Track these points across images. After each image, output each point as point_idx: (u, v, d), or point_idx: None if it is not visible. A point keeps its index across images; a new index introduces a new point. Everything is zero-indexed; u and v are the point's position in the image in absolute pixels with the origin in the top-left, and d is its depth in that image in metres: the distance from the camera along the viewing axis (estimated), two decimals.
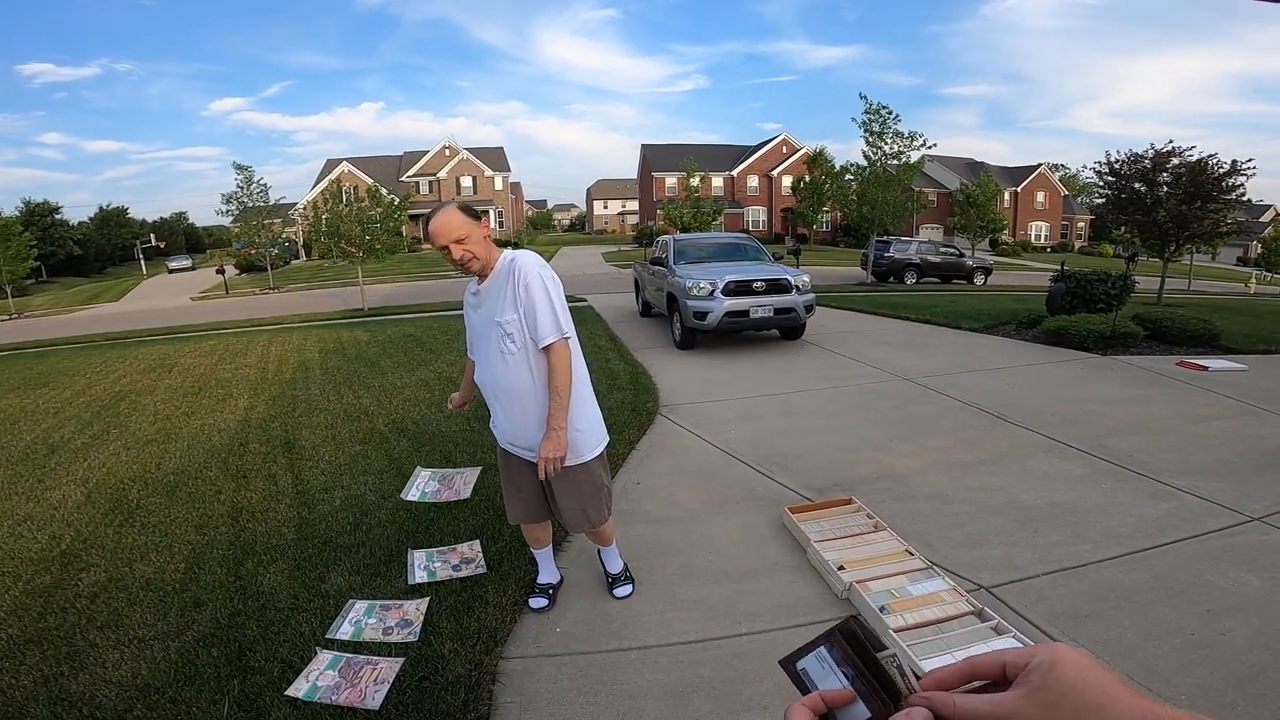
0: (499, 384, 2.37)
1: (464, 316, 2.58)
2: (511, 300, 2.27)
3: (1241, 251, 47.35)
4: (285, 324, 13.81)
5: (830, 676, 0.49)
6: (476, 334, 2.45)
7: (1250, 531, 3.22)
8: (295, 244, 40.81)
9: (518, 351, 2.29)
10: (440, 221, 2.22)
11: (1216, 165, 13.74)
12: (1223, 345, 7.94)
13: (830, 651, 0.49)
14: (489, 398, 2.46)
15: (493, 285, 2.33)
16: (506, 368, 2.32)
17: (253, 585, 2.93)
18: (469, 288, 2.49)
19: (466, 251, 2.23)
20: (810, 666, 0.50)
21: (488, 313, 2.35)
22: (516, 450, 2.47)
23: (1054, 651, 0.44)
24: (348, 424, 5.39)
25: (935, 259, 21.71)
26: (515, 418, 2.38)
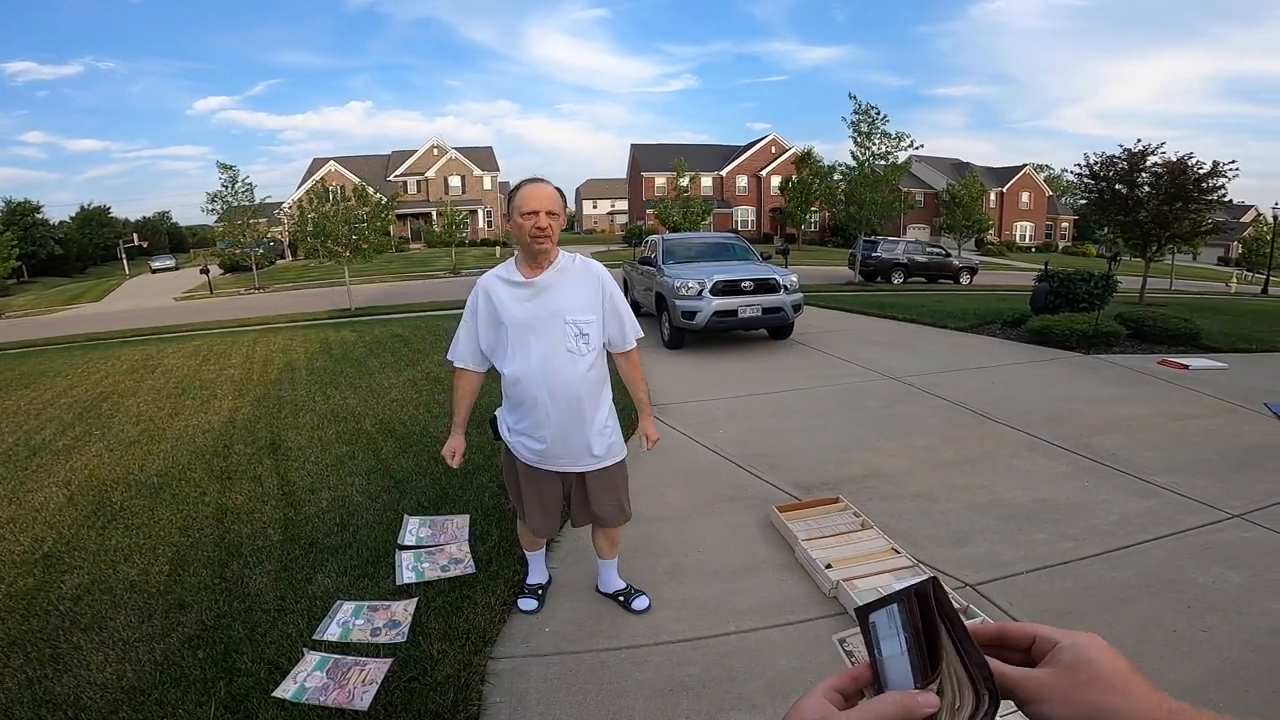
0: (560, 384, 2.23)
1: (482, 310, 2.32)
2: (594, 301, 2.27)
3: (1223, 251, 48.08)
4: (271, 324, 13.70)
5: (892, 637, 0.48)
6: (526, 328, 2.24)
7: (1231, 528, 3.27)
8: (281, 244, 40.46)
9: (589, 353, 2.26)
10: (543, 189, 2.17)
11: (1197, 166, 13.93)
12: (1203, 344, 8.05)
13: (901, 610, 0.48)
14: (532, 401, 2.25)
15: (560, 279, 2.24)
16: (574, 368, 2.24)
17: (238, 587, 2.91)
18: (503, 275, 2.29)
19: (551, 227, 2.17)
20: (880, 621, 0.48)
21: (550, 307, 2.22)
22: (552, 465, 2.35)
23: (1088, 637, 0.46)
24: (334, 425, 5.35)
25: (922, 259, 21.88)
26: (568, 423, 2.27)
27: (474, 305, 2.34)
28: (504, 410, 2.43)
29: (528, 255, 2.23)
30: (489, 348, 2.36)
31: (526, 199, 2.15)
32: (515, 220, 2.18)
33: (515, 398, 2.31)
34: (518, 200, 2.17)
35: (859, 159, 19.21)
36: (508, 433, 2.40)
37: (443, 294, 17.98)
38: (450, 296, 16.83)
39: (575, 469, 2.35)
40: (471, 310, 2.35)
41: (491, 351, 2.36)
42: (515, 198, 2.18)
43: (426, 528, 3.43)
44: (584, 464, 2.35)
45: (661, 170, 45.94)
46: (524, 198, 2.15)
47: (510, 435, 2.39)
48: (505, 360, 2.30)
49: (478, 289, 2.33)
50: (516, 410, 2.33)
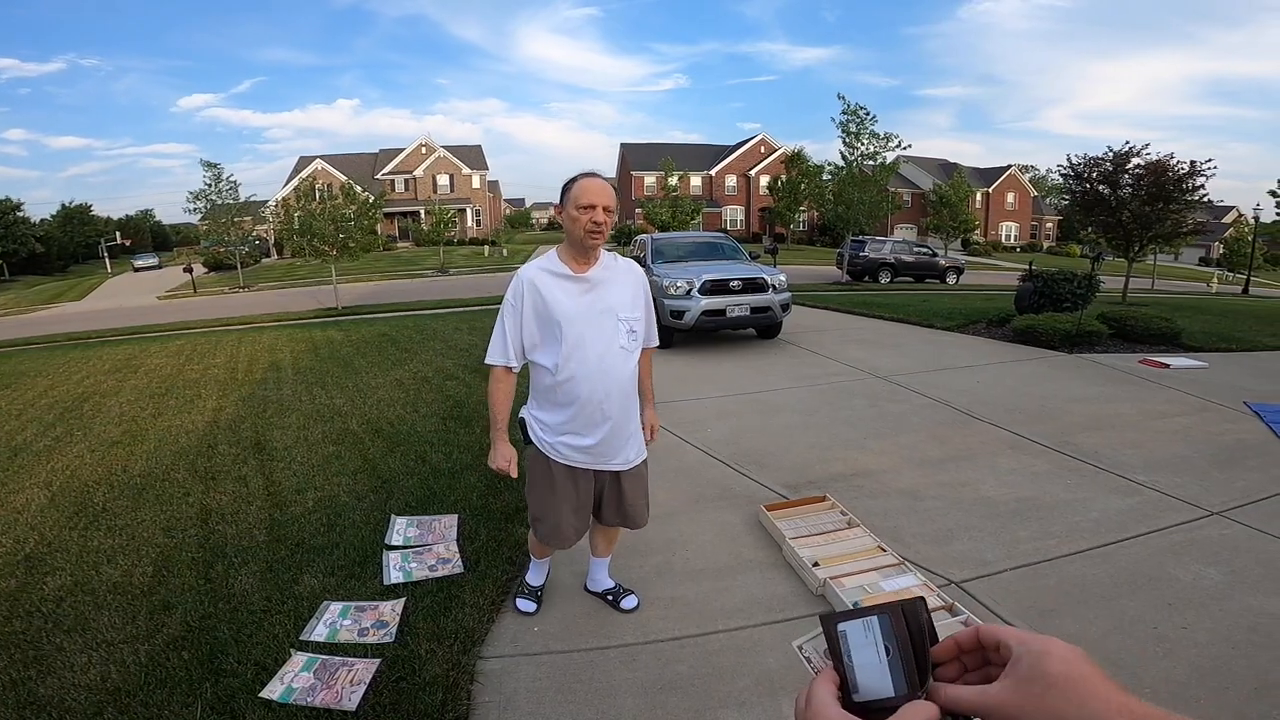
0: (615, 381, 2.21)
1: (528, 304, 2.20)
2: (638, 299, 2.28)
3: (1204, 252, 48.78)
4: (256, 323, 13.58)
5: (868, 647, 0.49)
6: (581, 323, 2.17)
7: (1210, 526, 3.32)
8: (266, 242, 40.08)
9: (635, 350, 2.27)
10: (602, 183, 2.13)
11: (1177, 166, 14.13)
12: (1184, 343, 8.17)
13: (883, 622, 0.49)
14: (587, 399, 2.19)
15: (610, 276, 2.22)
16: (627, 365, 2.24)
17: (223, 588, 2.89)
18: (548, 268, 2.21)
19: (607, 223, 2.12)
20: (852, 631, 0.50)
21: (604, 303, 2.19)
22: (597, 464, 2.30)
23: (1045, 644, 0.44)
24: (320, 424, 5.32)
25: (909, 258, 22.03)
26: (620, 421, 2.25)
27: (517, 299, 2.20)
28: (538, 410, 2.31)
29: (578, 250, 2.18)
30: (531, 344, 2.24)
31: (585, 192, 2.09)
32: (570, 213, 2.12)
33: (566, 395, 2.20)
34: (575, 193, 2.10)
35: (847, 159, 19.31)
36: (544, 433, 2.29)
37: (431, 293, 17.91)
38: (439, 296, 16.77)
39: (615, 467, 2.32)
40: (513, 305, 2.21)
41: (533, 348, 2.24)
42: (571, 190, 2.12)
43: (414, 528, 3.42)
44: (625, 461, 2.33)
45: (651, 169, 45.96)
46: (582, 191, 2.09)
47: (548, 436, 2.27)
48: (554, 357, 2.18)
49: (521, 282, 2.21)
50: (563, 409, 2.22)
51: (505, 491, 3.81)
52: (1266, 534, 3.20)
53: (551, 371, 2.19)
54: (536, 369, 2.27)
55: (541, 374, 2.25)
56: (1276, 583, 2.77)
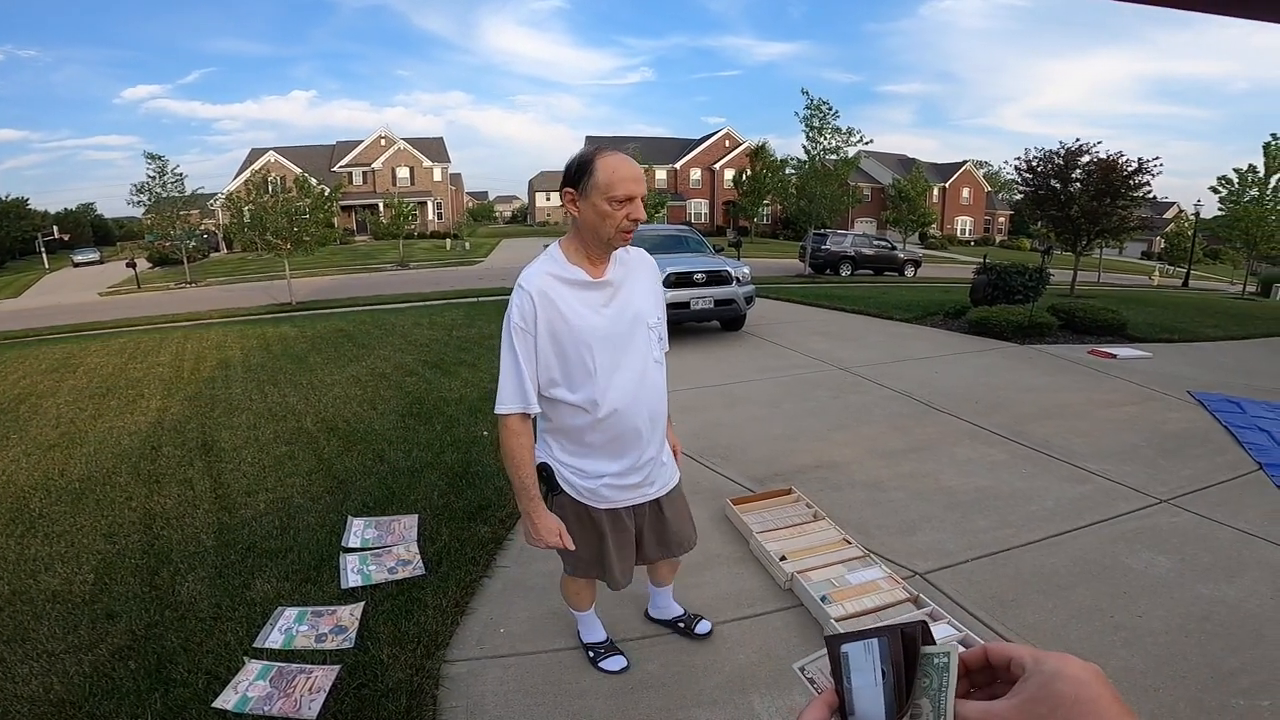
0: (656, 403, 1.87)
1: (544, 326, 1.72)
2: (658, 297, 1.90)
3: (1146, 246, 50.78)
4: (203, 320, 13.08)
5: (866, 670, 0.48)
6: (611, 342, 1.76)
7: (1159, 513, 3.43)
8: (215, 236, 38.69)
9: (663, 360, 1.90)
10: (636, 167, 1.67)
11: (1125, 163, 14.64)
12: (1129, 334, 8.48)
13: (882, 645, 0.48)
14: (632, 434, 1.83)
15: (628, 275, 1.81)
16: (661, 377, 1.89)
17: (169, 595, 2.77)
18: (559, 274, 1.74)
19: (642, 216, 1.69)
20: (853, 653, 0.49)
21: (630, 311, 1.78)
22: (638, 498, 1.95)
23: (1060, 662, 0.43)
24: (272, 424, 5.14)
25: (869, 252, 22.40)
26: (655, 445, 1.91)
27: (527, 319, 1.71)
28: (566, 454, 1.88)
29: (596, 249, 1.74)
30: (548, 379, 1.76)
31: (620, 180, 1.61)
32: (596, 206, 1.63)
33: (604, 434, 1.80)
34: (604, 179, 1.61)
35: (810, 153, 19.50)
36: (579, 479, 1.88)
37: (390, 287, 17.52)
38: (399, 290, 16.41)
39: (654, 494, 1.97)
40: (523, 329, 1.71)
41: (551, 384, 1.77)
42: (595, 173, 1.62)
43: (372, 529, 3.33)
44: (664, 485, 2.00)
45: None
46: (616, 178, 1.61)
47: (586, 481, 1.87)
48: (588, 391, 1.75)
49: (528, 296, 1.71)
50: (600, 450, 1.83)
51: (467, 490, 3.74)
52: (1213, 521, 3.32)
53: (586, 409, 1.77)
54: (559, 409, 1.81)
55: (568, 415, 1.80)
56: (1225, 570, 2.87)
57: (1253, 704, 2.07)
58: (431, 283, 18.26)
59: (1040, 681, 0.42)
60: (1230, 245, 24.65)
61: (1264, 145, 19.25)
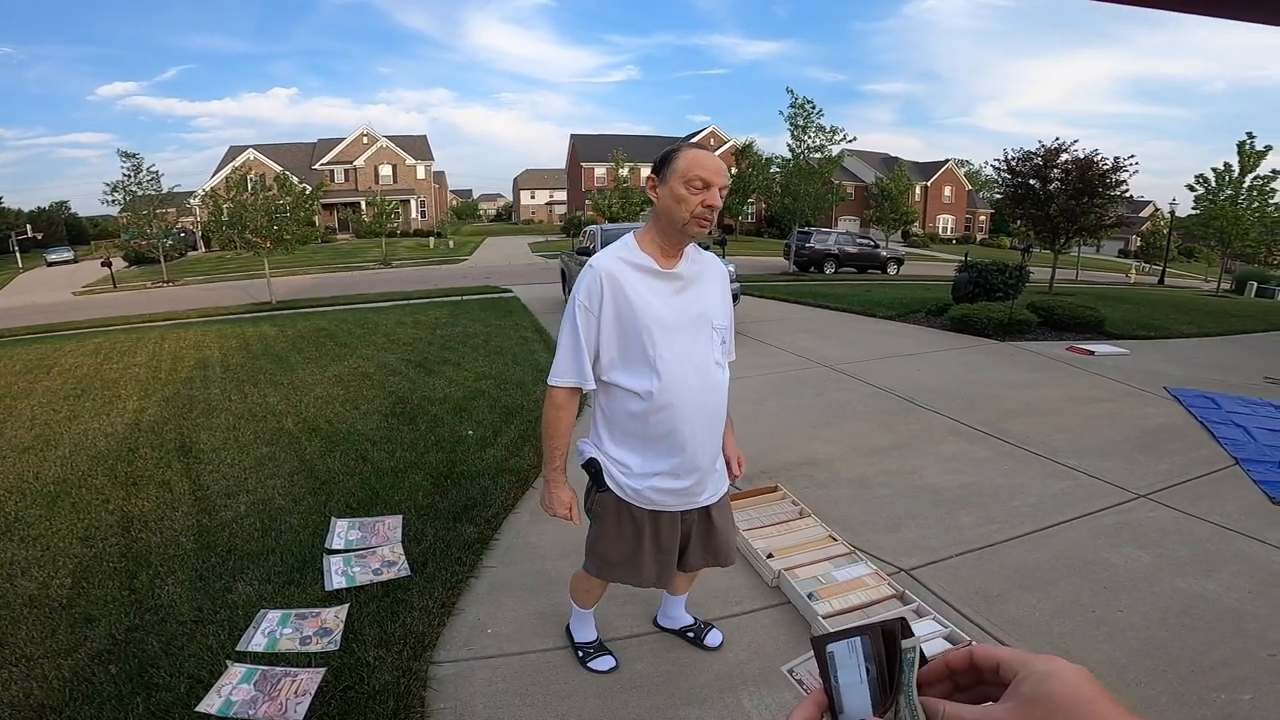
0: (714, 405, 1.82)
1: (609, 306, 1.73)
2: (728, 304, 1.88)
3: (1123, 244, 51.62)
4: (181, 319, 12.88)
5: (850, 668, 0.49)
6: (674, 332, 1.75)
7: (1138, 508, 3.49)
8: (193, 235, 38.09)
9: (726, 365, 1.87)
10: (719, 161, 1.70)
11: (1101, 162, 14.87)
12: (1107, 331, 8.62)
13: (864, 644, 0.49)
14: (685, 431, 1.77)
15: (700, 274, 1.81)
16: (723, 382, 1.85)
17: (149, 599, 2.73)
18: (630, 259, 1.75)
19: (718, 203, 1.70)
20: (839, 652, 0.50)
21: (697, 307, 1.79)
22: (689, 503, 1.89)
23: (1050, 664, 0.43)
24: (252, 424, 5.07)
25: (852, 250, 22.55)
26: (711, 449, 1.86)
27: (592, 298, 1.73)
28: (616, 448, 1.84)
29: (671, 237, 1.73)
30: (608, 360, 1.77)
31: (699, 166, 1.64)
32: (674, 190, 1.65)
33: (658, 428, 1.76)
34: (683, 165, 1.65)
35: (795, 152, 19.60)
36: (628, 478, 1.83)
37: (373, 286, 17.36)
38: (382, 288, 16.26)
39: (704, 502, 1.92)
40: (587, 307, 1.73)
41: (610, 365, 1.77)
42: (677, 161, 1.67)
43: (356, 530, 3.30)
44: (715, 493, 1.95)
45: (601, 161, 45.66)
46: (695, 163, 1.65)
47: (635, 481, 1.83)
48: (644, 379, 1.74)
49: (597, 275, 1.72)
50: (652, 445, 1.79)
51: (452, 490, 3.71)
52: (1190, 515, 3.38)
53: (641, 397, 1.74)
54: (614, 394, 1.80)
55: (623, 400, 1.78)
56: (1202, 564, 2.92)
57: (1233, 697, 2.11)
58: (415, 281, 18.12)
59: (1034, 684, 0.42)
60: (1205, 243, 25.11)
61: (1239, 145, 19.61)
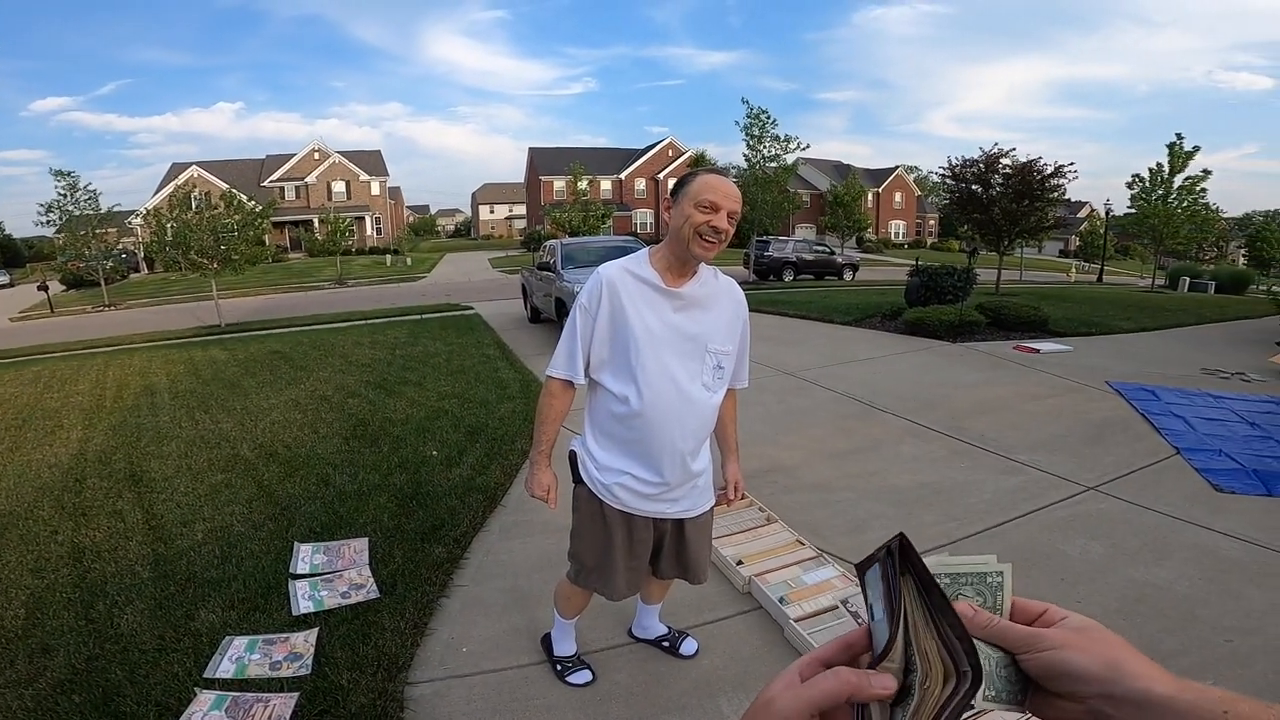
0: (695, 423, 1.87)
1: (606, 311, 1.82)
2: (734, 330, 1.92)
3: (1063, 245, 53.83)
4: (125, 344, 12.39)
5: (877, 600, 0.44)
6: (663, 347, 1.81)
7: (1088, 501, 3.65)
8: (135, 256, 36.72)
9: (718, 390, 1.91)
10: (733, 187, 1.77)
11: (1042, 166, 15.55)
12: (1051, 329, 8.98)
13: (879, 569, 0.45)
14: (656, 438, 1.84)
15: (706, 296, 1.86)
16: (709, 404, 1.89)
17: (109, 628, 2.66)
18: (636, 271, 1.83)
19: (727, 234, 1.75)
20: (870, 578, 0.46)
21: (694, 328, 1.83)
22: (661, 510, 1.94)
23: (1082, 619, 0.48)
24: (205, 451, 4.92)
25: (809, 257, 23.01)
26: (687, 464, 1.90)
27: (592, 300, 1.83)
28: (594, 444, 1.94)
29: (678, 256, 1.80)
30: (599, 359, 1.87)
31: (709, 189, 1.72)
32: (684, 210, 1.74)
33: (631, 431, 1.85)
34: (696, 188, 1.74)
35: (751, 161, 19.93)
36: (597, 472, 1.93)
37: (329, 306, 17.00)
38: (338, 308, 15.93)
39: (678, 515, 1.98)
40: (586, 307, 1.84)
41: (600, 365, 1.88)
42: (691, 185, 1.76)
43: (321, 554, 3.24)
44: (689, 509, 1.99)
45: (560, 174, 45.61)
46: (707, 186, 1.73)
47: (604, 475, 1.92)
48: (623, 384, 1.83)
49: (600, 283, 1.83)
50: (624, 447, 1.88)
51: (419, 511, 3.67)
52: (1138, 505, 3.55)
53: (619, 400, 1.84)
54: (599, 392, 1.91)
55: (605, 400, 1.89)
56: (1153, 553, 3.06)
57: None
58: (372, 300, 17.80)
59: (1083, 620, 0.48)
60: (1139, 241, 26.29)
61: (1169, 146, 20.61)
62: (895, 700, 0.41)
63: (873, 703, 0.41)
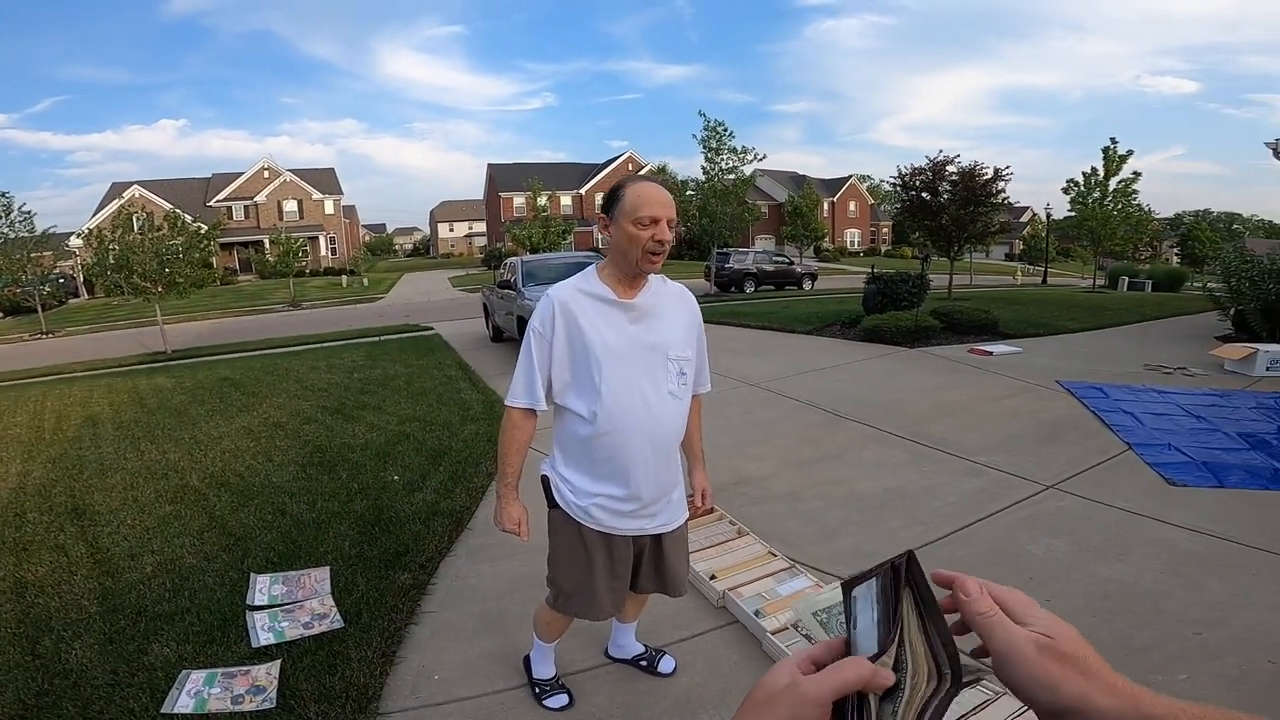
0: (664, 432, 1.84)
1: (561, 333, 1.80)
2: (691, 335, 1.93)
3: (1008, 248, 55.76)
4: (65, 373, 11.83)
5: (867, 610, 0.49)
6: (624, 361, 1.79)
7: (1049, 499, 3.74)
8: (74, 280, 35.23)
9: (684, 397, 1.90)
10: (665, 193, 1.75)
11: (983, 171, 16.09)
12: (1002, 331, 9.26)
13: (878, 582, 0.49)
14: (628, 455, 1.81)
15: (659, 305, 1.85)
16: (678, 415, 1.88)
17: (57, 663, 2.56)
18: (586, 289, 1.82)
19: (669, 242, 1.74)
20: (860, 595, 0.50)
21: (652, 338, 1.82)
22: (639, 527, 1.92)
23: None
24: (152, 483, 4.71)
25: (769, 268, 23.34)
26: (666, 477, 1.90)
27: (545, 325, 1.81)
28: (566, 467, 1.91)
29: (627, 271, 1.79)
30: (561, 383, 1.84)
31: (646, 202, 1.70)
32: (624, 229, 1.72)
33: (603, 450, 1.82)
34: (632, 202, 1.71)
35: (709, 173, 20.15)
36: (573, 495, 1.90)
37: (282, 329, 16.54)
38: (291, 332, 15.51)
39: (656, 530, 1.96)
40: (540, 333, 1.81)
41: (564, 389, 1.85)
42: (624, 199, 1.73)
43: (280, 584, 3.13)
44: (667, 523, 1.97)
45: (520, 190, 45.36)
46: (642, 200, 1.71)
47: (579, 499, 1.88)
48: (591, 402, 1.80)
49: (551, 304, 1.81)
50: (598, 466, 1.85)
51: (381, 537, 3.56)
52: (1096, 502, 3.65)
53: (588, 420, 1.81)
54: (565, 415, 1.88)
55: (573, 422, 1.86)
56: (1115, 549, 3.14)
57: (1170, 678, 2.23)
58: (328, 323, 17.37)
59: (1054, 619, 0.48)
60: (1079, 243, 27.32)
61: (1104, 150, 21.54)
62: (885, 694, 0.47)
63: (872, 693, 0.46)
